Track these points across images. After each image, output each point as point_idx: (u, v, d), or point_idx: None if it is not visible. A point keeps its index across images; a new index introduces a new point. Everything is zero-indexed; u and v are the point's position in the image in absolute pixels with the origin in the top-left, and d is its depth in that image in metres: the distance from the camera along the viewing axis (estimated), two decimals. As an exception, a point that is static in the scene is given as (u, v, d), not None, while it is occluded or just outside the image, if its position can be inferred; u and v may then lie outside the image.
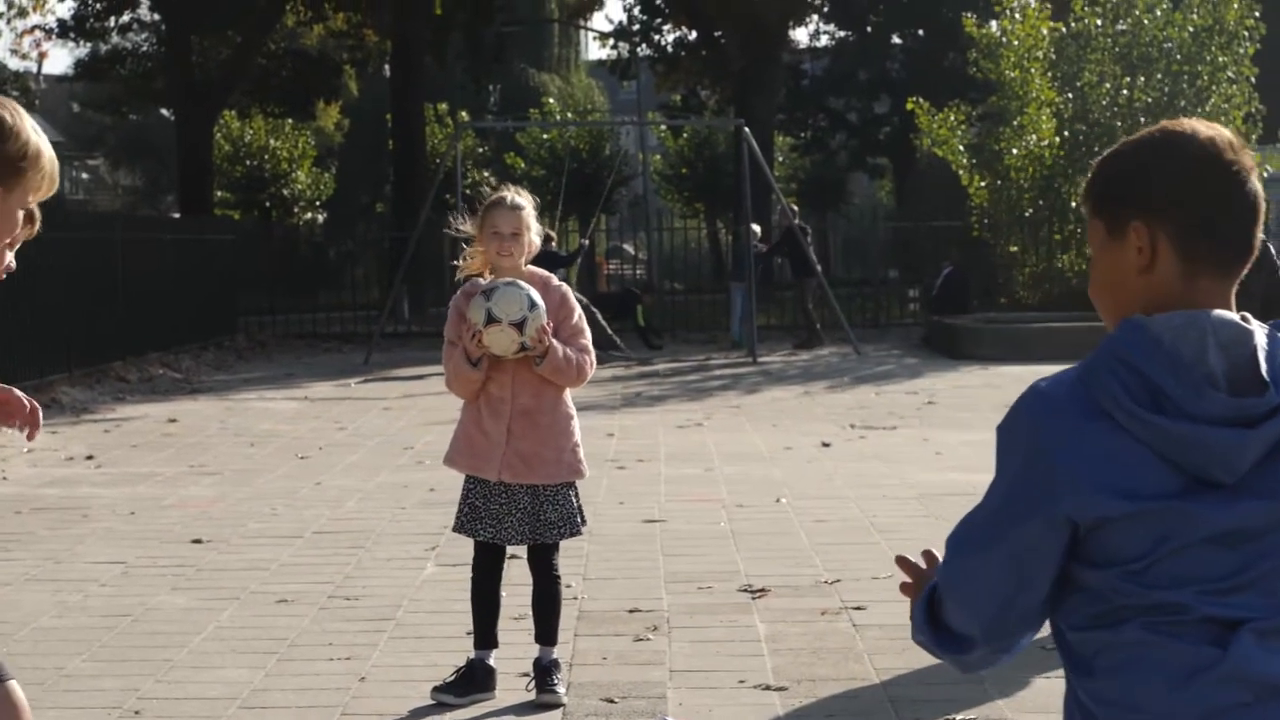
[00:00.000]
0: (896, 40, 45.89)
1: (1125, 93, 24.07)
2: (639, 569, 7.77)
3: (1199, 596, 2.07)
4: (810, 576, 7.52)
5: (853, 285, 32.89)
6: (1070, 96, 24.27)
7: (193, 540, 8.66)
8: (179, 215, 34.80)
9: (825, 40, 47.19)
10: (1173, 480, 2.06)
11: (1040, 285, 24.79)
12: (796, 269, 23.48)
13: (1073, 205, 24.18)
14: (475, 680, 5.62)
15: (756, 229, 23.19)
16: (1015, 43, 24.29)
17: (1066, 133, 24.19)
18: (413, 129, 33.85)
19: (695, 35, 41.43)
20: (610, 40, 45.57)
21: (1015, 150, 24.40)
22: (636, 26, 43.90)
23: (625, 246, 45.09)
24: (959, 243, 26.54)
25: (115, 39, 37.74)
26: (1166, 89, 23.95)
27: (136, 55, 37.94)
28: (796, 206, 25.51)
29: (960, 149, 25.29)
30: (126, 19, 37.02)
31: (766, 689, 5.67)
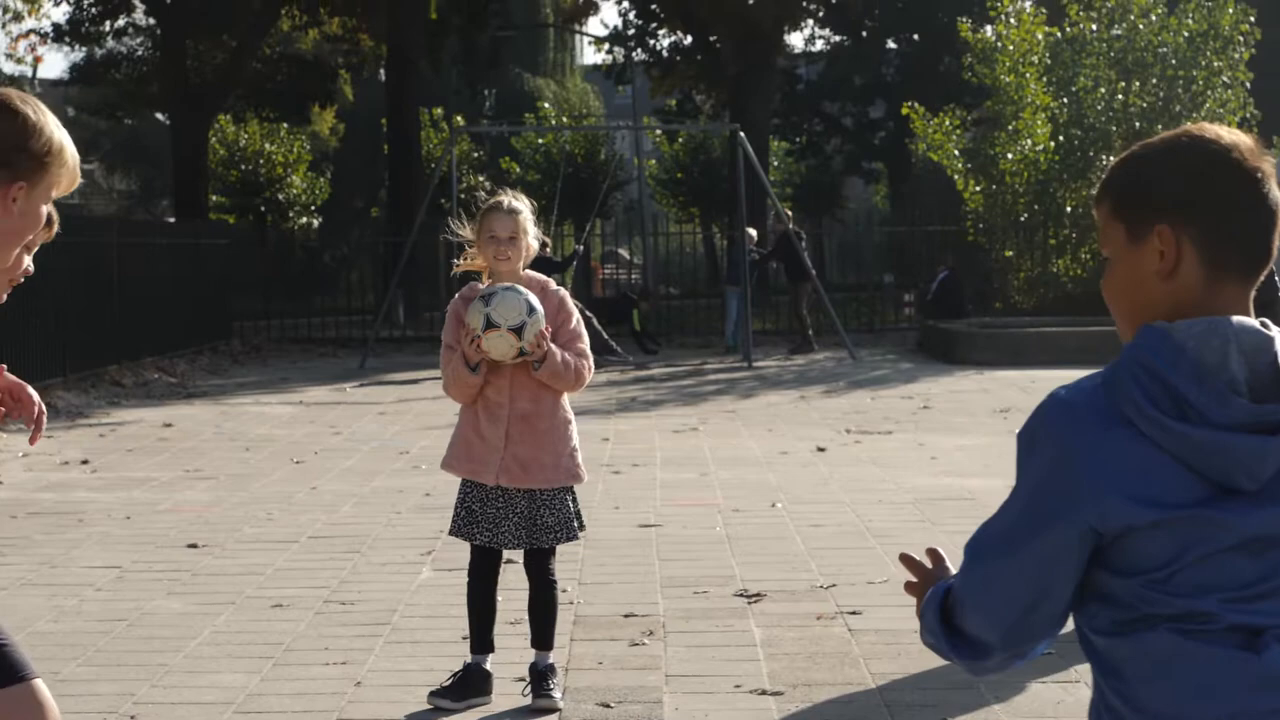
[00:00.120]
0: (892, 45, 45.92)
1: (1120, 98, 24.11)
2: (635, 574, 7.77)
3: (1224, 604, 2.06)
4: (806, 581, 7.51)
5: (848, 290, 32.93)
6: (1065, 101, 24.30)
7: (188, 545, 8.66)
8: (174, 220, 34.79)
9: (820, 45, 47.22)
10: (1196, 488, 2.06)
11: (1035, 290, 24.82)
12: (791, 274, 23.51)
13: (1068, 210, 24.23)
14: (471, 685, 5.62)
15: (752, 233, 23.21)
16: (1010, 47, 24.34)
17: (1061, 138, 24.22)
18: (408, 134, 33.87)
19: (690, 40, 41.46)
20: (605, 45, 45.56)
21: (1010, 155, 24.43)
22: (632, 31, 43.90)
23: (621, 251, 45.12)
24: (954, 247, 26.55)
25: (110, 43, 37.67)
26: (1161, 94, 23.99)
27: (131, 60, 37.88)
28: (791, 211, 25.50)
29: (955, 154, 25.33)
30: (121, 23, 37.03)
31: (762, 694, 5.67)
